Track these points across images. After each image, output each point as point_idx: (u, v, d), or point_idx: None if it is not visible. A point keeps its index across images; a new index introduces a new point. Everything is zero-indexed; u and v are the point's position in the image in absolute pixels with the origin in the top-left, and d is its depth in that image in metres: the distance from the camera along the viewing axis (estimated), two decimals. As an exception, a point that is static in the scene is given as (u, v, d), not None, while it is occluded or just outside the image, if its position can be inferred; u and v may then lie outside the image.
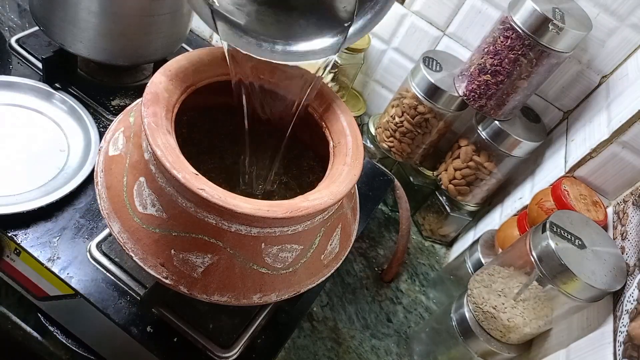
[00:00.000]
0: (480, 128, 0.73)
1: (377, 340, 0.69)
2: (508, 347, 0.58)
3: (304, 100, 0.48)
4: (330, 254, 0.50)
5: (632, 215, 0.56)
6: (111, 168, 0.46)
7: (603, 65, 0.68)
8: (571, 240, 0.52)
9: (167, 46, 0.73)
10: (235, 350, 0.54)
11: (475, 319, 0.59)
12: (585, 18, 0.63)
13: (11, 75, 0.70)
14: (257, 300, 0.45)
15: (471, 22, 0.75)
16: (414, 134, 0.78)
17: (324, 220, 0.48)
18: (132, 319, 0.53)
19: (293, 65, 0.46)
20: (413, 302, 0.76)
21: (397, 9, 0.79)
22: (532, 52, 0.62)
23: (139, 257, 0.44)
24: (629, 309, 0.47)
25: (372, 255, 0.79)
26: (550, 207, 0.61)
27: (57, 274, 0.54)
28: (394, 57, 0.84)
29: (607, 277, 0.50)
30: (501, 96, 0.68)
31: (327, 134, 0.54)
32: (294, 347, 0.64)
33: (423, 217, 0.86)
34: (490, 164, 0.74)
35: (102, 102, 0.73)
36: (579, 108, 0.72)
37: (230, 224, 0.43)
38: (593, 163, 0.61)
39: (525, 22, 0.61)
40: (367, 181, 0.78)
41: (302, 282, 0.48)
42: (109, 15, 0.65)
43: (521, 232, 0.65)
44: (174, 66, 0.47)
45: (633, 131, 0.57)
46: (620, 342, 0.45)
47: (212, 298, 0.44)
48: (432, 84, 0.72)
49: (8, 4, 0.84)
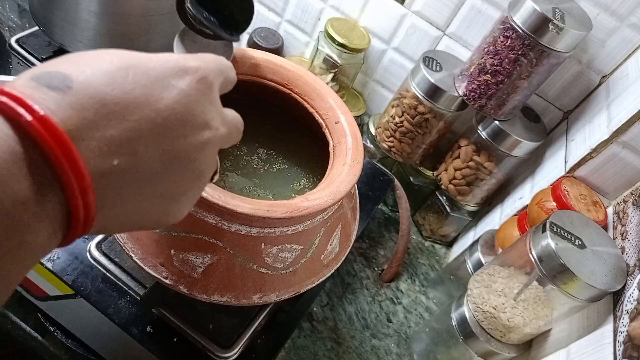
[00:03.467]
0: (480, 128, 0.73)
1: (377, 340, 0.69)
2: (508, 347, 0.58)
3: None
4: (330, 254, 0.50)
5: (632, 215, 0.56)
6: (111, 168, 0.46)
7: (603, 65, 0.68)
8: (571, 240, 0.52)
9: (167, 46, 0.73)
10: (235, 350, 0.54)
11: (475, 319, 0.59)
12: (585, 18, 0.63)
13: (11, 75, 0.70)
14: (257, 300, 0.45)
15: (471, 22, 0.75)
16: (414, 134, 0.78)
17: (324, 221, 0.48)
18: (132, 319, 0.53)
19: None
20: (413, 302, 0.76)
21: (397, 9, 0.79)
22: (532, 52, 0.62)
23: (138, 257, 0.44)
24: (629, 309, 0.47)
25: (372, 255, 0.79)
26: (550, 207, 0.61)
27: (57, 274, 0.54)
28: (394, 57, 0.84)
29: (607, 277, 0.50)
30: (501, 96, 0.68)
31: (327, 134, 0.54)
32: (294, 347, 0.64)
33: (423, 217, 0.86)
34: (490, 164, 0.74)
35: (102, 102, 0.73)
36: (579, 108, 0.72)
37: (230, 224, 0.43)
38: (593, 163, 0.61)
39: (525, 22, 0.61)
40: (367, 181, 0.78)
41: (302, 282, 0.48)
42: (109, 15, 0.65)
43: (521, 232, 0.65)
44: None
45: (633, 131, 0.57)
46: (620, 342, 0.45)
47: (212, 298, 0.44)
48: (432, 84, 0.72)
49: (8, 4, 0.85)
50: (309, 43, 0.91)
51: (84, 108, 0.21)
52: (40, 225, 0.21)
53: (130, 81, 0.23)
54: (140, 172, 0.24)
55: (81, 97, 0.21)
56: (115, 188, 0.23)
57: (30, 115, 0.20)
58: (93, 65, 0.23)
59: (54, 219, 0.21)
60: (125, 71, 0.23)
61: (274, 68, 0.55)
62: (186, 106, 0.25)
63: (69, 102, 0.21)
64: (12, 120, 0.20)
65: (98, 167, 0.22)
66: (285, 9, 0.90)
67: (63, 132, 0.20)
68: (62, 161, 0.20)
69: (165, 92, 0.24)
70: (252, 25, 0.95)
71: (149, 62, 0.25)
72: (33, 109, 0.20)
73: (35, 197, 0.20)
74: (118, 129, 0.22)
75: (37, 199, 0.20)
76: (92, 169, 0.21)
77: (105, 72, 0.23)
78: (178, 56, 0.26)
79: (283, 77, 0.55)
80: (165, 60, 0.26)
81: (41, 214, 0.21)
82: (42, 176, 0.20)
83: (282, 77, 0.55)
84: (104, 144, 0.22)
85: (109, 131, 0.22)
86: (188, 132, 0.25)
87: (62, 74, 0.22)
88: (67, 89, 0.21)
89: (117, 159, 0.22)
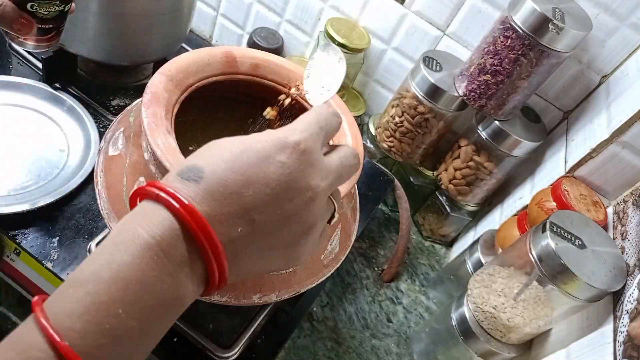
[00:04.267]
0: (480, 128, 0.73)
1: (377, 340, 0.69)
2: (508, 347, 0.58)
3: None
4: (330, 254, 0.50)
5: (632, 215, 0.56)
6: (111, 168, 0.46)
7: (603, 65, 0.68)
8: (571, 240, 0.52)
9: (167, 46, 0.73)
10: (235, 350, 0.54)
11: (475, 319, 0.59)
12: (585, 18, 0.63)
13: (11, 75, 0.70)
14: (257, 300, 0.45)
15: (471, 22, 0.75)
16: (414, 133, 0.78)
17: (324, 220, 0.48)
18: (132, 319, 0.53)
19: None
20: (413, 302, 0.76)
21: (397, 8, 0.79)
22: (532, 52, 0.62)
23: (139, 257, 0.44)
24: (629, 309, 0.47)
25: (372, 255, 0.79)
26: (550, 207, 0.61)
27: (57, 274, 0.54)
28: (394, 57, 0.84)
29: (607, 277, 0.50)
30: (501, 96, 0.68)
31: (327, 134, 0.54)
32: (294, 347, 0.64)
33: (423, 217, 0.86)
34: (490, 164, 0.74)
35: (102, 102, 0.74)
36: (579, 108, 0.72)
37: (230, 224, 0.42)
38: (593, 163, 0.61)
39: (525, 22, 0.61)
40: (367, 181, 0.79)
41: (302, 282, 0.48)
42: (109, 15, 0.65)
43: (521, 232, 0.65)
44: (173, 66, 0.47)
45: (633, 131, 0.57)
46: (620, 342, 0.45)
47: (212, 298, 0.44)
48: (432, 84, 0.72)
49: (8, 4, 0.84)
50: (309, 43, 0.91)
51: (213, 192, 0.28)
52: (189, 281, 0.28)
53: (244, 164, 0.29)
54: (259, 234, 0.30)
55: (210, 184, 0.29)
56: (242, 248, 0.30)
57: (177, 203, 0.27)
58: (217, 156, 0.30)
59: (199, 276, 0.29)
60: (239, 156, 0.30)
61: (274, 68, 0.55)
62: (289, 176, 0.30)
63: (202, 189, 0.28)
64: (168, 208, 0.28)
65: (227, 235, 0.28)
66: (285, 9, 0.90)
67: (200, 214, 0.27)
68: (201, 236, 0.27)
69: (271, 168, 0.30)
70: (252, 25, 0.95)
71: (257, 144, 0.31)
72: (179, 198, 0.28)
73: (186, 261, 0.28)
74: (239, 204, 0.29)
75: (188, 262, 0.28)
76: (223, 237, 0.28)
77: (225, 160, 0.29)
78: (279, 133, 0.32)
79: (283, 77, 0.55)
80: (270, 140, 0.31)
81: (191, 274, 0.28)
82: (191, 246, 0.28)
83: (282, 77, 0.55)
84: (230, 218, 0.29)
85: (232, 207, 0.29)
86: (293, 197, 0.31)
87: (197, 168, 0.29)
88: (200, 179, 0.29)
89: (240, 227, 0.29)
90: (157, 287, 0.27)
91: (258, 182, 0.29)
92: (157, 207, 0.28)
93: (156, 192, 0.28)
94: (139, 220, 0.28)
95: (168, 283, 0.27)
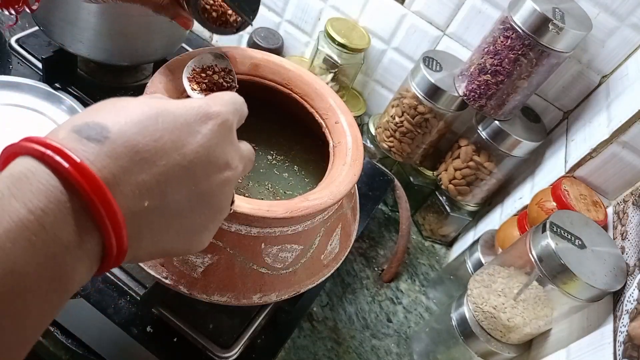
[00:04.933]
0: (480, 128, 0.73)
1: (377, 340, 0.69)
2: (508, 347, 0.58)
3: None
4: (330, 254, 0.50)
5: (632, 215, 0.56)
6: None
7: (603, 65, 0.68)
8: (571, 240, 0.52)
9: (167, 46, 0.73)
10: (235, 350, 0.54)
11: (475, 319, 0.59)
12: (585, 18, 0.63)
13: (11, 75, 0.70)
14: (257, 300, 0.45)
15: (471, 22, 0.75)
16: (414, 133, 0.78)
17: (323, 220, 0.48)
18: (132, 319, 0.53)
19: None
20: (413, 302, 0.76)
21: (397, 8, 0.79)
22: (532, 52, 0.62)
23: (138, 257, 0.44)
24: (629, 309, 0.47)
25: (372, 255, 0.79)
26: (550, 207, 0.61)
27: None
28: (394, 57, 0.84)
29: (607, 277, 0.50)
30: (501, 96, 0.68)
31: (327, 134, 0.54)
32: (294, 347, 0.64)
33: (423, 217, 0.86)
34: (490, 164, 0.74)
35: (102, 102, 0.73)
36: (579, 108, 0.72)
37: (230, 224, 0.43)
38: (593, 163, 0.61)
39: (525, 22, 0.61)
40: (367, 181, 0.79)
41: (302, 282, 0.48)
42: (109, 15, 0.65)
43: (521, 232, 0.65)
44: (174, 66, 0.47)
45: (633, 131, 0.57)
46: (620, 342, 0.45)
47: (212, 298, 0.44)
48: (432, 84, 0.72)
49: (8, 4, 0.84)
50: (309, 43, 0.91)
51: (119, 157, 0.23)
52: (80, 264, 0.23)
53: (160, 128, 0.25)
54: (168, 211, 0.26)
55: (117, 147, 0.23)
56: (146, 225, 0.25)
57: (70, 164, 0.22)
58: (126, 115, 0.25)
59: (92, 257, 0.24)
60: (154, 119, 0.25)
61: (274, 68, 0.55)
62: (209, 149, 0.27)
63: (106, 151, 0.23)
64: (55, 170, 0.22)
65: (131, 209, 0.24)
66: (285, 9, 0.90)
67: (100, 180, 0.22)
68: (99, 206, 0.22)
69: (190, 137, 0.26)
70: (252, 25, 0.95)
71: (175, 110, 0.27)
72: (73, 159, 0.22)
73: (76, 240, 0.22)
74: (149, 174, 0.24)
75: (78, 241, 0.22)
76: (126, 211, 0.23)
77: (137, 122, 0.25)
78: (201, 101, 0.28)
79: (283, 77, 0.55)
80: (190, 107, 0.27)
81: (82, 255, 0.23)
82: (83, 220, 0.22)
83: (282, 77, 0.55)
84: (136, 188, 0.24)
85: (140, 176, 0.24)
86: (211, 173, 0.27)
87: (100, 126, 0.24)
88: (105, 139, 0.23)
89: (148, 201, 0.24)
90: (33, 278, 0.21)
91: (174, 152, 0.25)
92: (40, 169, 0.22)
93: (41, 150, 0.22)
94: (11, 188, 0.21)
95: (51, 270, 0.21)
